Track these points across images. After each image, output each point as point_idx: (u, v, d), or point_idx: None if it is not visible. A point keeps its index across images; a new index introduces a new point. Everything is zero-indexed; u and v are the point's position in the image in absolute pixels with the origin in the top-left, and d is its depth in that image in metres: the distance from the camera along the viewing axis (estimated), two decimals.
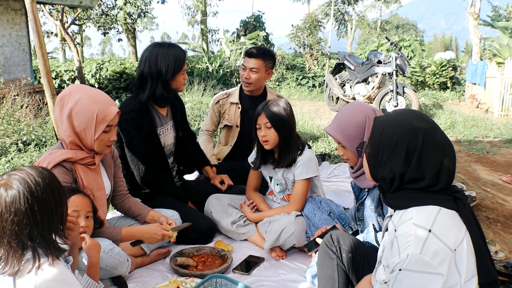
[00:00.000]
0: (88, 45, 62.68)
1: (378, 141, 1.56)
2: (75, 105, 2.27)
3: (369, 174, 1.66)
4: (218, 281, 2.27)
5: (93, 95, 2.33)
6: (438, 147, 1.49)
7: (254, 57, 3.66)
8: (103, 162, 2.57)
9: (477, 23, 13.01)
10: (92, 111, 2.28)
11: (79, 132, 2.31)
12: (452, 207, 1.47)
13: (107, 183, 2.57)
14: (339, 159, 5.51)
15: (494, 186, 4.73)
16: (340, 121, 2.34)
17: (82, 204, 2.20)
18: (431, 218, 1.42)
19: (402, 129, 1.51)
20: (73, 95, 2.29)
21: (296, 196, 2.97)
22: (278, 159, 2.99)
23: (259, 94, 3.86)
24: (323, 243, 2.10)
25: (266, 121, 2.89)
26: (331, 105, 10.48)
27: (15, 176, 1.56)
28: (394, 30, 40.65)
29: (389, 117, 1.61)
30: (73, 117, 2.28)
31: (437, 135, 1.51)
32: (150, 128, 3.06)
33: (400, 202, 1.53)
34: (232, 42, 17.16)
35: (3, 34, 10.47)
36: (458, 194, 1.50)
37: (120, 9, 19.92)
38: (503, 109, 9.93)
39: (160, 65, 2.99)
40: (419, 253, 1.37)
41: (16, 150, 5.22)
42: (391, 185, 1.55)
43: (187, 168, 3.54)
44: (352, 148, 2.28)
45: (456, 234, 1.42)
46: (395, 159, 1.50)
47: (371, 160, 1.62)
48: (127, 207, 2.79)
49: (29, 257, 1.56)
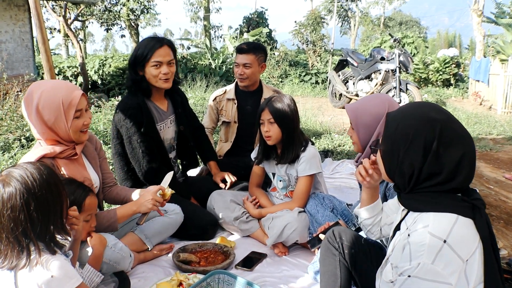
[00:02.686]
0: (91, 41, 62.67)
1: (393, 136, 1.50)
2: (39, 100, 2.22)
3: (385, 173, 1.59)
4: (221, 277, 2.27)
5: (54, 85, 2.29)
6: (457, 138, 1.42)
7: (246, 52, 3.70)
8: (86, 154, 2.52)
9: (480, 20, 12.94)
10: (57, 100, 2.23)
11: (51, 126, 2.26)
12: (469, 215, 1.41)
13: (94, 175, 2.52)
14: (341, 156, 5.51)
15: (497, 183, 4.72)
16: (361, 105, 2.34)
17: (94, 206, 2.27)
18: (447, 228, 1.37)
19: (418, 122, 1.45)
20: (35, 92, 2.25)
21: (299, 192, 2.96)
22: (281, 155, 2.99)
23: (254, 89, 3.89)
24: (326, 239, 2.10)
25: (269, 117, 2.88)
26: (334, 101, 10.47)
27: (13, 173, 1.58)
28: (398, 27, 40.53)
29: (402, 111, 1.54)
30: (41, 112, 2.22)
31: (454, 126, 1.45)
32: (149, 124, 3.06)
33: (417, 204, 1.48)
34: (235, 39, 17.16)
35: (6, 30, 10.48)
36: (476, 202, 1.44)
37: (123, 5, 19.92)
38: (506, 106, 9.89)
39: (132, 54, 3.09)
40: (431, 263, 1.34)
41: (19, 146, 5.23)
42: (409, 182, 1.48)
43: (190, 163, 3.54)
44: (360, 135, 2.30)
45: (470, 245, 1.38)
46: (413, 153, 1.44)
47: (386, 157, 1.55)
48: (114, 193, 2.73)
49: (29, 252, 1.58)
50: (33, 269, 1.56)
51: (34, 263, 1.57)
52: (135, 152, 3.05)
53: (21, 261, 1.57)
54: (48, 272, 1.56)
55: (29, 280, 1.56)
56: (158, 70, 3.02)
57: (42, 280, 1.56)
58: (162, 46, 3.01)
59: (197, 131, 3.61)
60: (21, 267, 1.56)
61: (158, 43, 3.01)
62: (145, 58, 3.00)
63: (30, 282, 1.56)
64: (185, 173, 3.58)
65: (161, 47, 3.01)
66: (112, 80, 14.10)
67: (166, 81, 3.07)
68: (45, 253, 1.60)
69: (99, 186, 2.56)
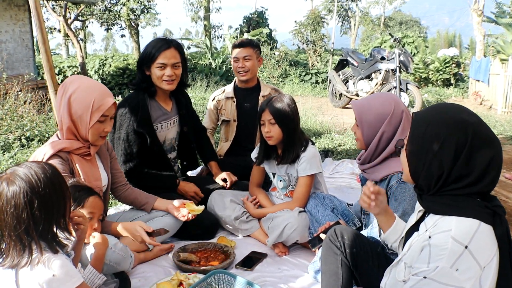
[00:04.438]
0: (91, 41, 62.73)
1: (423, 137, 1.47)
2: (74, 91, 2.35)
3: (408, 174, 1.56)
4: (221, 277, 2.26)
5: (92, 85, 2.41)
6: (488, 141, 1.42)
7: (244, 46, 3.76)
8: (99, 154, 2.62)
9: (481, 19, 12.93)
10: (89, 99, 2.34)
11: (75, 120, 2.37)
12: (490, 222, 1.40)
13: (104, 174, 2.61)
14: (342, 156, 5.50)
15: (497, 183, 4.71)
16: (368, 102, 2.34)
17: (98, 207, 2.31)
18: (470, 234, 1.36)
19: (450, 124, 1.43)
20: (74, 83, 2.38)
21: (299, 192, 2.96)
22: (282, 155, 2.99)
23: (253, 85, 3.91)
24: (327, 238, 2.09)
25: (270, 118, 2.88)
26: (334, 101, 10.47)
27: (17, 171, 1.59)
28: (398, 27, 40.53)
29: (432, 112, 1.52)
30: (72, 103, 2.35)
31: (485, 129, 1.44)
32: (144, 122, 3.07)
33: (439, 207, 1.46)
34: (235, 38, 17.16)
35: (6, 30, 10.48)
36: (497, 209, 1.43)
37: (123, 5, 19.91)
38: (506, 106, 9.88)
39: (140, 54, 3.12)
40: (450, 267, 1.33)
41: (19, 146, 5.23)
42: (435, 184, 1.46)
43: (190, 163, 3.55)
44: (364, 132, 2.31)
45: (489, 252, 1.38)
46: (444, 155, 1.42)
47: (413, 158, 1.52)
48: (132, 197, 2.84)
49: (30, 250, 1.58)
50: (34, 267, 1.57)
51: (36, 261, 1.57)
52: (117, 151, 3.07)
53: (23, 259, 1.57)
54: (50, 271, 1.57)
55: (30, 278, 1.56)
56: (162, 72, 3.05)
57: (43, 279, 1.56)
58: (169, 48, 3.04)
59: (199, 132, 3.63)
60: (23, 266, 1.57)
61: (165, 45, 3.04)
62: (151, 59, 3.03)
63: (31, 280, 1.56)
64: (185, 173, 3.59)
65: (167, 49, 3.03)
66: (112, 80, 14.11)
67: (169, 83, 3.09)
68: (46, 252, 1.60)
69: (107, 185, 2.63)
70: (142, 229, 2.47)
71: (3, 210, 1.55)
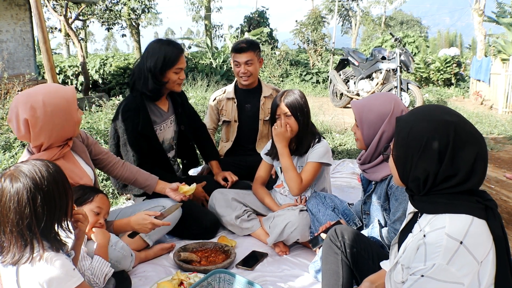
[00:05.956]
0: (92, 41, 62.68)
1: (406, 141, 1.47)
2: (40, 106, 2.19)
3: (398, 178, 1.56)
4: (222, 276, 2.27)
5: (52, 90, 2.29)
6: (471, 139, 1.41)
7: (245, 51, 3.71)
8: (75, 150, 2.51)
9: (482, 19, 12.95)
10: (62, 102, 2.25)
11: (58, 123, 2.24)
12: (483, 216, 1.41)
13: (87, 168, 2.54)
14: (342, 155, 5.51)
15: (498, 183, 4.72)
16: (368, 102, 2.34)
17: (106, 204, 2.38)
18: (464, 230, 1.37)
19: (432, 125, 1.43)
20: (34, 103, 2.19)
21: (303, 173, 2.94)
22: (296, 147, 3.02)
23: (254, 86, 3.91)
24: (328, 238, 2.10)
25: (286, 111, 2.93)
26: (335, 101, 10.46)
27: (21, 168, 1.61)
28: (399, 26, 40.56)
29: (413, 115, 1.52)
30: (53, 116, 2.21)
31: (467, 126, 1.43)
32: (146, 125, 3.08)
33: (430, 206, 1.47)
34: (236, 38, 17.15)
35: (7, 29, 10.49)
36: (489, 203, 1.44)
37: (124, 5, 19.91)
38: (507, 106, 9.88)
39: (151, 59, 3.04)
40: (446, 264, 1.34)
41: (20, 145, 5.23)
42: (424, 186, 1.46)
43: (190, 162, 3.55)
44: (364, 132, 2.31)
45: (485, 246, 1.38)
46: (428, 158, 1.42)
47: (399, 163, 1.52)
48: (131, 177, 2.81)
49: (32, 247, 1.59)
50: (35, 264, 1.58)
51: (37, 259, 1.59)
52: (128, 156, 3.08)
53: (24, 256, 1.59)
54: (50, 270, 1.57)
55: (31, 277, 1.57)
56: (177, 76, 3.10)
57: (44, 278, 1.56)
58: (183, 52, 3.13)
59: (198, 130, 3.62)
60: (24, 262, 1.58)
61: (180, 50, 3.11)
62: (171, 64, 3.05)
63: (31, 279, 1.57)
64: (186, 172, 3.59)
65: (182, 53, 3.12)
66: (113, 79, 14.11)
67: (180, 85, 3.20)
68: (48, 251, 1.61)
69: (93, 178, 2.57)
70: (149, 216, 2.48)
71: (6, 205, 1.56)
